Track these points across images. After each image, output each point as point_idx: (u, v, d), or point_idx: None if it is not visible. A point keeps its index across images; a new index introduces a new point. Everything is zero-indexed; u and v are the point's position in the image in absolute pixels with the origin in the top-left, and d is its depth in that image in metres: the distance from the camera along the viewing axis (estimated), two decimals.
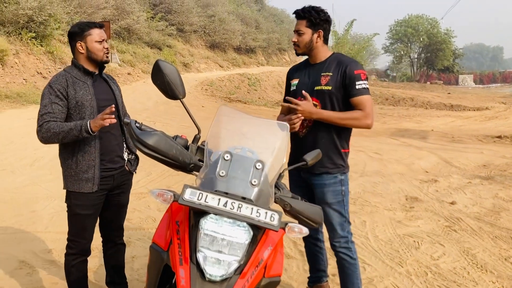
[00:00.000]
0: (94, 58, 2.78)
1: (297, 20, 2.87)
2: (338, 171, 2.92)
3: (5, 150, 7.50)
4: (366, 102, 2.80)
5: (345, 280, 3.03)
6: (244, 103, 18.70)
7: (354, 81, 2.78)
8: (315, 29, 2.84)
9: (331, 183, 2.90)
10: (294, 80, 3.01)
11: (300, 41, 2.86)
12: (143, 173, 6.57)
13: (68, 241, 2.95)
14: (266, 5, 53.25)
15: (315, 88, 2.85)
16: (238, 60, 35.01)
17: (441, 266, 3.94)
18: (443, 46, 56.87)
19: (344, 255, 2.97)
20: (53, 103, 2.66)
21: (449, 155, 8.99)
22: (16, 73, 13.52)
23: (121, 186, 3.02)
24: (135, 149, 3.06)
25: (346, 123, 2.83)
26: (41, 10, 14.36)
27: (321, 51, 2.91)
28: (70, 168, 2.77)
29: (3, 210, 5.07)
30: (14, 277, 3.64)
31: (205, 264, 1.72)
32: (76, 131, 2.59)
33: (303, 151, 2.56)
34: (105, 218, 3.07)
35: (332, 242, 2.98)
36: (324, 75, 2.84)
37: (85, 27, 2.75)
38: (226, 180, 1.80)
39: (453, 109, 20.25)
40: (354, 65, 2.82)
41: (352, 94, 2.79)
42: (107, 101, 2.86)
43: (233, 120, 2.23)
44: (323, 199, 2.91)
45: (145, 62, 22.23)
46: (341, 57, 2.92)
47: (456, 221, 5.06)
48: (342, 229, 2.95)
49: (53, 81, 2.72)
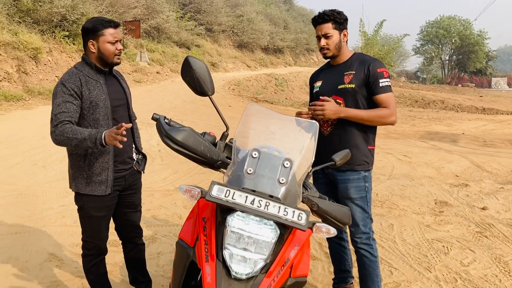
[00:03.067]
0: (104, 59, 2.66)
1: (320, 25, 2.90)
2: (362, 168, 2.93)
3: (37, 146, 7.70)
4: (390, 100, 2.86)
5: (365, 278, 3.03)
6: (271, 103, 18.68)
7: (378, 79, 2.84)
8: (340, 29, 2.91)
9: (354, 179, 2.92)
10: (317, 82, 3.08)
11: (330, 43, 2.90)
12: (170, 171, 6.63)
13: (83, 242, 2.90)
14: (295, 5, 53.17)
15: (339, 87, 2.90)
16: (265, 60, 35.04)
17: (471, 273, 3.83)
18: (476, 48, 55.62)
19: (365, 251, 2.98)
20: (67, 102, 2.53)
21: (481, 159, 8.75)
22: (49, 71, 13.87)
23: (132, 187, 2.96)
24: (141, 148, 3.02)
25: (373, 121, 2.88)
26: (74, 9, 14.70)
27: (346, 50, 3.00)
28: (82, 170, 2.67)
29: (35, 204, 5.19)
30: (44, 268, 3.72)
31: (231, 261, 1.71)
32: (90, 143, 2.42)
33: (327, 149, 2.63)
34: (121, 220, 3.02)
35: (353, 238, 2.99)
36: (347, 74, 2.90)
37: (99, 25, 2.61)
38: (254, 178, 1.79)
39: (485, 113, 19.72)
40: (377, 64, 2.88)
41: (376, 92, 2.85)
42: (120, 100, 2.81)
43: (261, 118, 2.21)
44: (346, 194, 2.93)
45: (173, 61, 22.50)
46: (363, 56, 2.99)
47: (488, 227, 4.92)
48: (364, 225, 2.96)
49: (66, 79, 2.58)
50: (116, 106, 2.73)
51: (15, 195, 5.40)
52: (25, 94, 12.03)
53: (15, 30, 13.07)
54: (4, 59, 12.22)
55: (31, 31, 13.69)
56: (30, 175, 6.22)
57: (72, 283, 3.51)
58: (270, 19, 38.27)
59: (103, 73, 2.71)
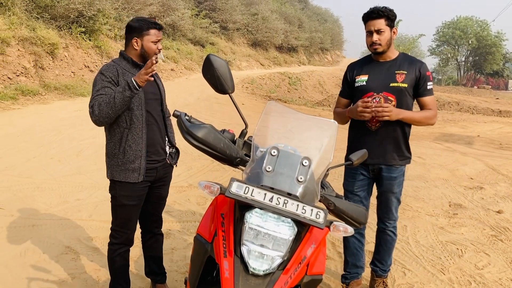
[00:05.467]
0: (146, 57, 2.82)
1: (373, 20, 2.98)
2: (405, 163, 3.19)
3: (53, 140, 7.79)
4: (434, 102, 3.13)
5: (383, 253, 3.37)
6: (284, 102, 18.65)
7: (426, 81, 3.05)
8: (391, 26, 3.02)
9: (398, 175, 3.17)
10: (362, 76, 3.14)
11: (382, 39, 2.99)
12: (184, 168, 6.67)
13: (112, 230, 3.01)
14: (310, 4, 52.97)
15: (391, 84, 3.02)
16: (279, 58, 35.01)
17: (486, 276, 3.80)
18: (493, 49, 54.93)
19: (392, 233, 3.31)
20: (105, 87, 2.69)
21: (496, 162, 8.66)
22: (65, 66, 14.02)
23: (163, 179, 3.08)
24: (175, 143, 3.11)
25: (421, 122, 3.09)
26: (91, 5, 14.82)
27: (393, 48, 3.11)
28: (117, 158, 2.80)
29: (51, 197, 5.27)
30: (60, 261, 3.78)
31: (249, 257, 1.72)
32: (125, 91, 2.58)
33: (374, 144, 2.98)
34: (145, 209, 3.12)
35: (386, 222, 3.29)
36: (399, 73, 3.03)
37: (146, 26, 2.78)
38: (272, 176, 1.80)
39: (501, 115, 19.45)
40: (425, 66, 3.08)
41: (423, 94, 3.07)
42: (154, 94, 2.94)
43: (281, 116, 2.22)
44: (390, 189, 3.18)
45: (188, 58, 22.58)
46: (410, 57, 3.15)
47: (503, 230, 4.87)
48: (396, 212, 3.29)
49: (105, 69, 2.76)
50: (149, 98, 2.86)
51: (32, 188, 5.48)
52: (41, 89, 12.17)
53: (33, 26, 13.23)
54: (22, 54, 12.38)
55: (48, 27, 13.84)
56: (47, 169, 6.31)
57: (88, 276, 3.56)
58: (285, 18, 38.19)
59: (139, 67, 2.84)
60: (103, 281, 3.48)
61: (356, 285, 3.45)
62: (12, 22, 12.44)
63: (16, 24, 12.56)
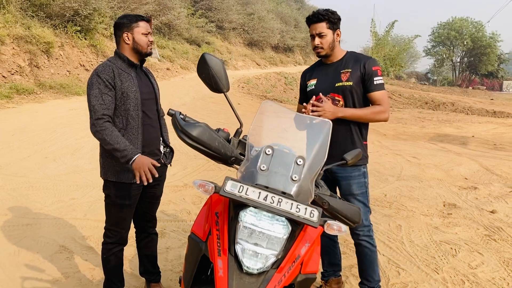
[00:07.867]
0: (139, 49, 2.83)
1: (314, 24, 2.97)
2: (362, 163, 3.06)
3: (48, 139, 7.77)
4: (384, 97, 3.00)
5: (366, 268, 3.19)
6: (280, 101, 18.66)
7: (373, 77, 2.96)
8: (334, 28, 2.99)
9: (355, 176, 3.05)
10: (312, 80, 3.15)
11: (324, 42, 2.98)
12: (179, 167, 6.66)
13: (106, 230, 3.00)
14: (306, 4, 53.02)
15: (336, 84, 2.99)
16: (275, 58, 35.02)
17: (479, 276, 3.83)
18: (488, 50, 55.16)
19: (367, 243, 3.12)
20: (103, 94, 2.68)
21: (490, 162, 8.70)
22: (60, 65, 13.98)
23: (157, 179, 3.00)
24: (169, 142, 3.12)
25: (368, 118, 3.00)
26: (86, 4, 14.79)
27: (339, 49, 3.07)
28: (111, 159, 2.79)
29: (45, 196, 5.25)
30: (54, 260, 3.77)
31: (243, 256, 1.73)
32: (121, 157, 2.62)
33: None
34: (139, 209, 3.11)
35: (355, 231, 3.12)
36: (344, 72, 3.00)
37: (134, 19, 2.83)
38: (267, 174, 1.80)
39: (496, 116, 19.55)
40: (371, 62, 3.00)
41: (371, 89, 2.97)
42: (149, 94, 2.94)
43: (275, 115, 2.23)
44: (349, 191, 3.06)
45: (184, 58, 22.55)
46: (357, 55, 3.09)
47: (496, 230, 4.90)
48: (366, 219, 3.09)
49: (101, 70, 2.73)
50: (145, 99, 2.86)
51: (26, 187, 5.46)
52: (36, 87, 12.14)
53: (28, 24, 13.18)
54: (16, 53, 12.34)
55: (43, 26, 13.80)
56: (41, 168, 6.29)
57: (82, 275, 3.55)
58: (281, 18, 38.24)
59: (134, 67, 2.87)
60: (97, 280, 3.48)
61: (335, 284, 3.46)
62: (7, 20, 12.39)
63: (11, 23, 12.52)
